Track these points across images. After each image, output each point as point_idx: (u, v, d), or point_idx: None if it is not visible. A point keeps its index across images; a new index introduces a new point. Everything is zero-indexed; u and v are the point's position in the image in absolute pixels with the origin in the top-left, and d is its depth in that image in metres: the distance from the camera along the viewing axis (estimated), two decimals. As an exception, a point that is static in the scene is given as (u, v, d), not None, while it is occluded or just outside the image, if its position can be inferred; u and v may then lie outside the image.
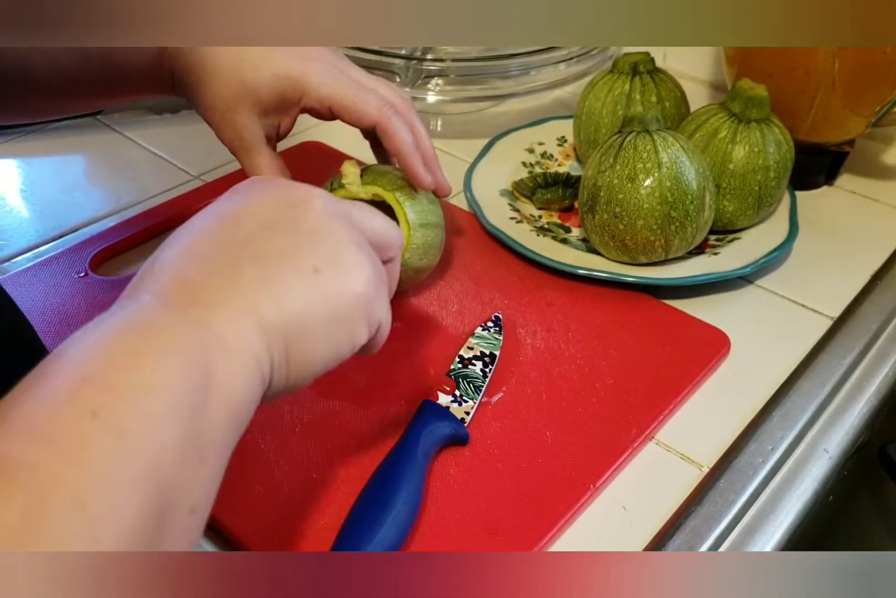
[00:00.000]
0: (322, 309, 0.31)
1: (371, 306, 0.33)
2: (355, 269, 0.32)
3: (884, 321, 0.55)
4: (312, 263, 0.31)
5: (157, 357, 0.26)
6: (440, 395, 0.47)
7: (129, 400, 0.24)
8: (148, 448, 0.24)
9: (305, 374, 0.31)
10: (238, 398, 0.28)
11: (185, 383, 0.26)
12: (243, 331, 0.28)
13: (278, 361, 0.30)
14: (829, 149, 0.67)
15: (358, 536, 0.38)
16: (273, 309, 0.29)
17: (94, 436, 0.23)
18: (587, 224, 0.57)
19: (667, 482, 0.44)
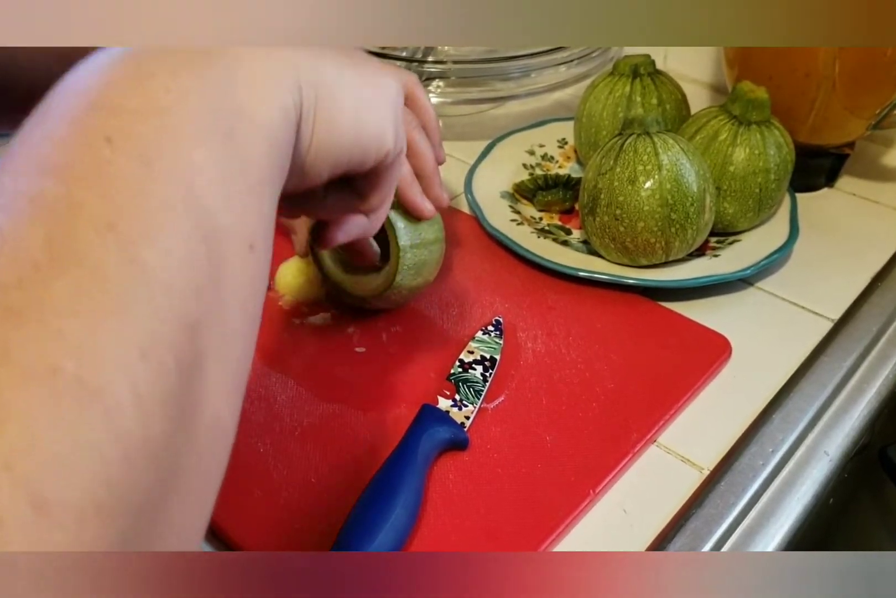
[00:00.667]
0: (355, 78, 0.29)
1: (398, 116, 0.32)
2: (391, 79, 0.31)
3: (884, 323, 0.55)
4: (352, 60, 0.30)
5: (170, 78, 0.23)
6: (440, 399, 0.47)
7: (145, 121, 0.21)
8: (180, 169, 0.21)
9: (329, 147, 0.28)
10: (276, 127, 0.25)
11: (207, 104, 0.23)
12: (274, 65, 0.26)
13: (307, 110, 0.27)
14: (829, 151, 0.67)
15: (357, 540, 0.38)
16: (308, 59, 0.27)
17: (114, 161, 0.20)
18: (588, 226, 0.57)
19: (667, 485, 0.44)
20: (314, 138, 0.28)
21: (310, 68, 0.27)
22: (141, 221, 0.20)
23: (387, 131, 0.31)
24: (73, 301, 0.18)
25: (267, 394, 0.48)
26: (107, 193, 0.20)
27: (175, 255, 0.20)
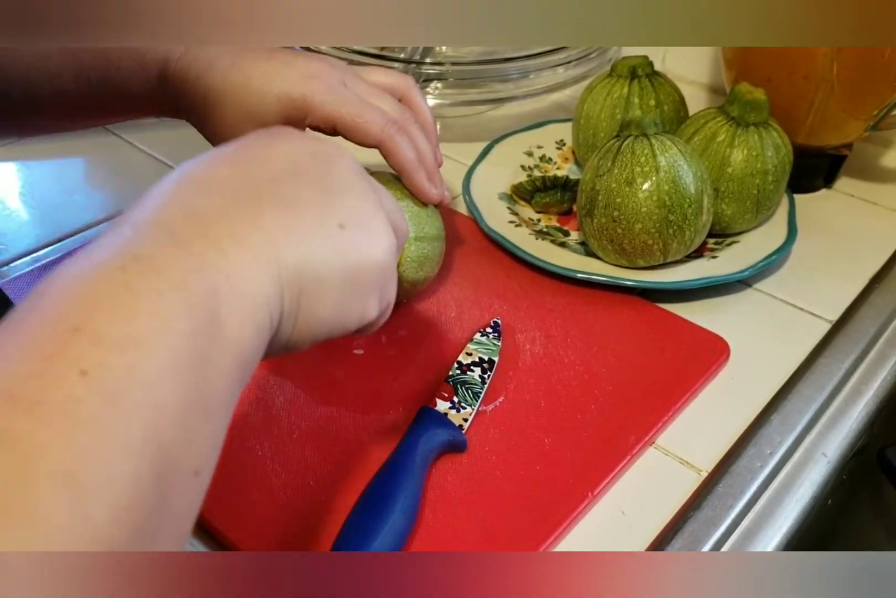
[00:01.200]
0: (341, 268, 0.29)
1: (386, 280, 0.32)
2: (380, 235, 0.31)
3: (882, 325, 0.55)
4: (339, 219, 0.29)
5: (157, 299, 0.23)
6: (438, 401, 0.47)
7: (123, 354, 0.22)
8: (145, 409, 0.22)
9: (308, 334, 0.29)
10: (246, 346, 0.26)
11: (188, 329, 0.23)
12: (257, 272, 0.26)
13: (288, 312, 0.28)
14: (827, 152, 0.67)
15: (355, 543, 0.38)
16: (292, 255, 0.27)
17: (84, 399, 0.21)
18: (585, 228, 0.57)
19: (665, 487, 0.44)
20: (295, 330, 0.29)
21: (294, 264, 0.27)
22: (99, 471, 0.20)
23: (369, 309, 0.31)
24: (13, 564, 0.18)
25: (265, 396, 0.48)
26: (72, 437, 0.20)
27: (125, 504, 0.20)
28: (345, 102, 0.46)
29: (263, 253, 0.27)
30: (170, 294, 0.23)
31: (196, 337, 0.24)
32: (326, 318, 0.29)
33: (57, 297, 0.23)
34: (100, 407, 0.21)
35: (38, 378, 0.21)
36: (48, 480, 0.19)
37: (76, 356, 0.21)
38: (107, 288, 0.23)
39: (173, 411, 0.22)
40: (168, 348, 0.23)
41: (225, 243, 0.26)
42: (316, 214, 0.29)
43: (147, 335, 0.22)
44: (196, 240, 0.25)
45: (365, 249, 0.30)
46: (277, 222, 0.27)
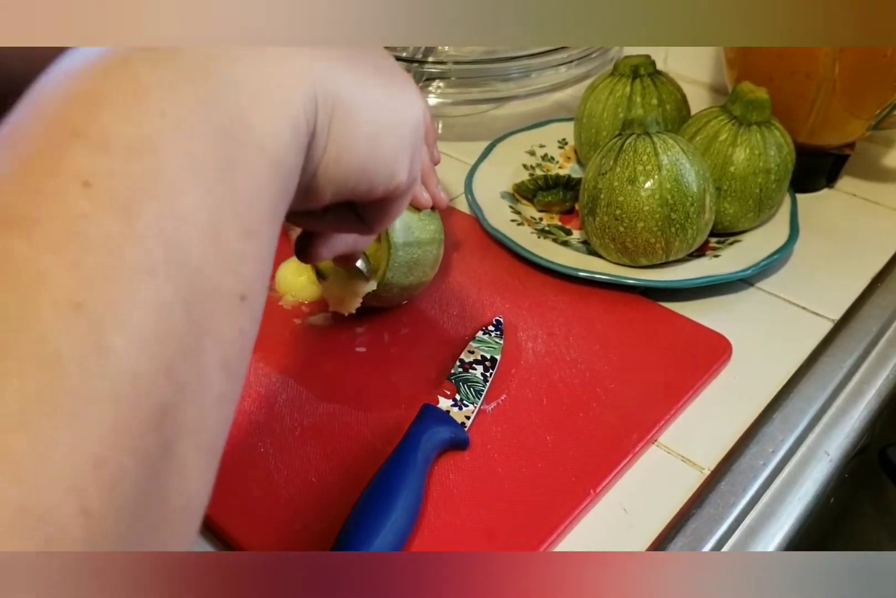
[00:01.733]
0: (377, 103, 0.26)
1: (418, 144, 0.29)
2: (415, 96, 0.28)
3: (884, 324, 0.55)
4: (376, 64, 0.27)
5: (168, 93, 0.20)
6: (440, 399, 0.47)
7: (132, 160, 0.19)
8: (164, 222, 0.19)
9: (337, 169, 0.26)
10: (283, 149, 0.22)
11: (209, 130, 0.20)
12: (293, 72, 0.23)
13: (321, 127, 0.24)
14: (829, 152, 0.67)
15: (357, 540, 0.38)
16: (329, 72, 0.24)
17: (90, 214, 0.18)
18: (588, 226, 0.57)
19: (668, 485, 0.44)
20: (324, 158, 0.25)
21: (328, 78, 0.24)
22: (112, 297, 0.17)
23: (401, 162, 0.28)
24: (24, 410, 0.16)
25: (268, 394, 0.48)
26: (77, 259, 0.17)
27: (148, 334, 0.18)
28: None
29: (299, 59, 0.23)
30: (184, 86, 0.20)
31: (220, 140, 0.20)
32: (360, 149, 0.26)
33: (51, 96, 0.20)
34: (109, 223, 0.18)
35: (34, 194, 0.18)
36: (53, 311, 0.17)
37: (78, 165, 0.18)
38: (109, 83, 0.20)
39: (201, 225, 0.19)
40: (187, 152, 0.20)
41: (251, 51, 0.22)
42: (356, 51, 0.26)
43: (159, 137, 0.19)
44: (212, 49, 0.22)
45: (402, 99, 0.27)
46: (307, 50, 0.24)
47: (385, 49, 0.30)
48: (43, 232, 0.17)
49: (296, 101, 0.22)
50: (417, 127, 0.28)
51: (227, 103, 0.21)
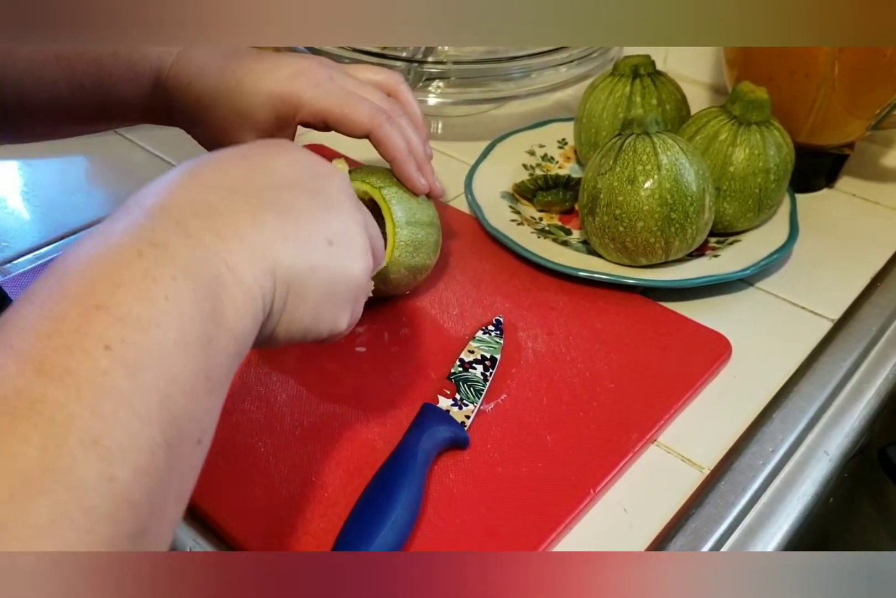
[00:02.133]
0: (324, 278, 0.32)
1: (359, 297, 0.35)
2: (361, 255, 0.34)
3: (884, 323, 0.55)
4: (328, 235, 0.32)
5: (171, 284, 0.25)
6: (440, 398, 0.47)
7: (142, 332, 0.24)
8: (160, 382, 0.24)
9: (286, 333, 0.32)
10: (243, 332, 0.28)
11: (197, 314, 0.26)
12: (256, 267, 0.29)
13: (276, 307, 0.30)
14: (829, 151, 0.67)
15: (357, 539, 0.38)
16: (286, 258, 0.30)
17: (108, 371, 0.23)
18: (587, 226, 0.57)
19: (667, 484, 0.44)
20: (276, 328, 0.31)
21: (287, 269, 0.30)
22: (121, 437, 0.22)
23: (341, 321, 0.34)
24: (51, 524, 0.20)
25: (268, 393, 0.48)
26: (97, 407, 0.22)
27: (142, 469, 0.23)
28: (333, 96, 0.47)
29: (262, 251, 0.29)
30: (182, 281, 0.26)
31: (203, 321, 0.26)
32: (305, 320, 0.32)
33: (80, 275, 0.25)
34: (122, 379, 0.23)
35: (67, 351, 0.23)
36: (79, 446, 0.21)
37: (101, 332, 0.23)
38: (127, 271, 0.25)
39: (184, 385, 0.25)
40: (180, 329, 0.25)
41: (229, 237, 0.28)
42: (309, 227, 0.31)
43: (162, 317, 0.25)
44: (205, 232, 0.28)
45: (346, 267, 0.33)
46: (276, 227, 0.30)
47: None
48: (73, 382, 0.22)
49: (257, 294, 0.29)
50: (357, 286, 0.34)
51: (210, 295, 0.27)
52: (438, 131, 0.79)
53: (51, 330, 0.23)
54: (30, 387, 0.22)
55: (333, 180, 0.34)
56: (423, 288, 0.56)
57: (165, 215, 0.28)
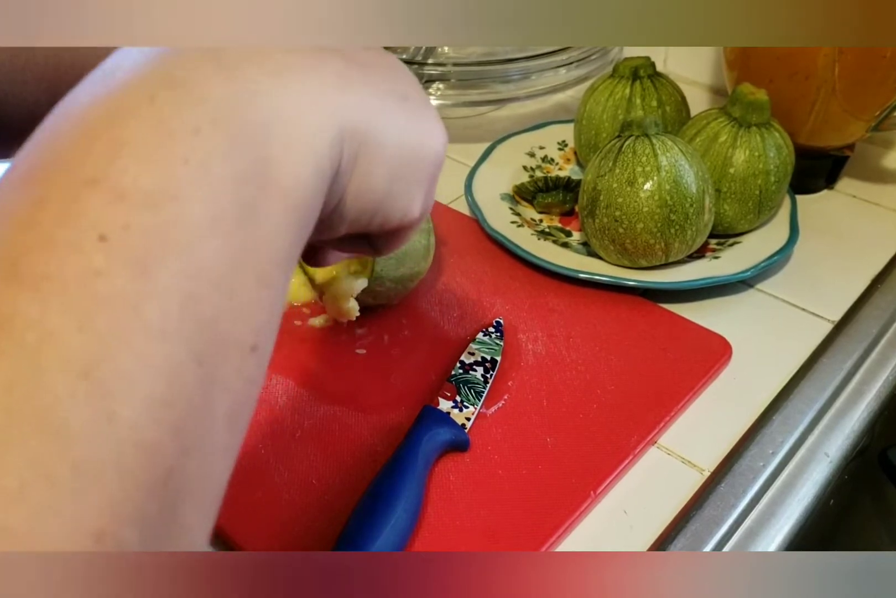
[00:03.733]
0: (401, 140, 0.25)
1: (435, 177, 0.28)
2: (438, 125, 0.27)
3: (884, 325, 0.55)
4: (404, 90, 0.26)
5: (193, 138, 0.19)
6: (441, 400, 0.47)
7: (151, 212, 0.18)
8: (182, 279, 0.18)
9: (355, 206, 0.25)
10: (304, 192, 0.21)
11: (233, 175, 0.19)
12: (320, 110, 0.22)
13: (346, 166, 0.23)
14: (829, 153, 0.67)
15: (358, 542, 0.38)
16: (356, 108, 0.23)
17: (104, 271, 0.17)
18: (587, 228, 0.57)
19: (668, 486, 0.44)
20: (344, 196, 0.25)
21: (357, 115, 0.23)
22: (123, 363, 0.17)
23: (416, 200, 0.28)
24: (25, 483, 0.16)
25: (268, 396, 0.48)
26: (88, 321, 0.17)
27: (158, 398, 0.17)
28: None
29: (327, 94, 0.22)
30: (210, 131, 0.19)
31: (242, 184, 0.20)
32: (379, 189, 0.25)
33: (69, 137, 0.19)
34: (125, 281, 0.17)
35: (47, 248, 0.17)
36: (61, 378, 0.16)
37: (94, 217, 0.17)
38: (133, 125, 0.19)
39: (217, 278, 0.19)
40: (207, 201, 0.19)
41: (285, 76, 0.21)
42: (384, 77, 0.25)
43: (182, 186, 0.19)
44: (248, 65, 0.21)
45: (426, 131, 0.26)
46: (346, 72, 0.23)
47: (385, 49, 0.30)
48: (53, 290, 0.17)
49: (322, 142, 0.22)
50: (437, 161, 0.27)
51: (253, 147, 0.20)
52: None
53: (28, 220, 0.17)
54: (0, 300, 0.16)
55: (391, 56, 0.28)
56: (423, 290, 0.56)
57: (199, 50, 0.21)
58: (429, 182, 0.28)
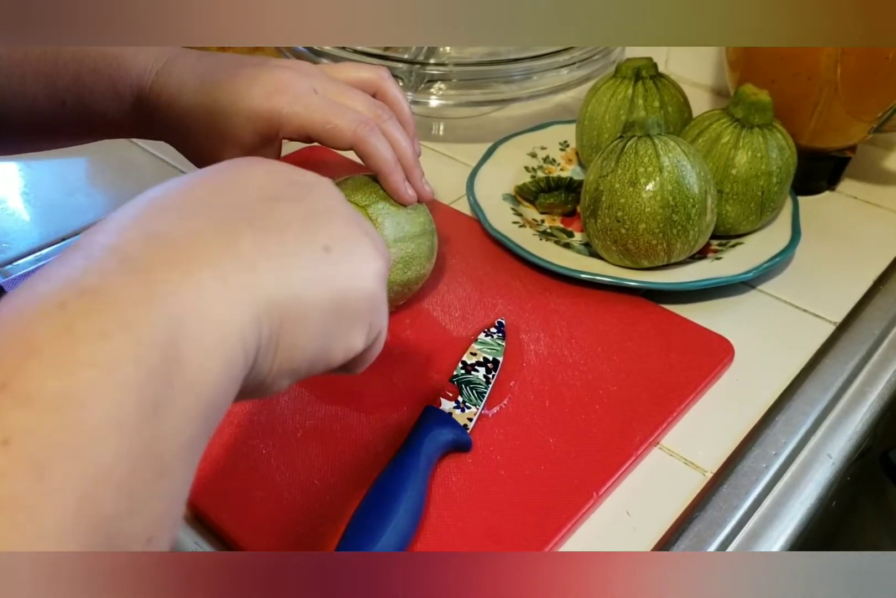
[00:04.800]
0: (327, 294, 0.26)
1: (376, 308, 0.29)
2: (368, 258, 0.28)
3: (886, 326, 0.55)
4: (324, 240, 0.27)
5: (99, 342, 0.20)
6: (443, 401, 0.47)
7: (54, 415, 0.19)
8: (78, 480, 0.19)
9: (289, 370, 0.26)
10: (213, 387, 0.22)
11: (139, 376, 0.20)
12: (230, 299, 0.23)
13: (267, 341, 0.24)
14: (831, 154, 0.67)
15: (360, 542, 0.38)
16: (273, 280, 0.24)
17: (7, 473, 0.18)
18: (589, 228, 0.57)
19: (670, 488, 0.44)
20: (274, 366, 0.26)
21: (274, 292, 0.24)
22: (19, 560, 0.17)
23: (356, 339, 0.28)
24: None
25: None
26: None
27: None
28: (313, 111, 0.46)
29: (239, 279, 0.23)
30: (117, 334, 0.20)
31: (148, 383, 0.20)
32: (309, 350, 0.26)
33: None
34: (23, 483, 0.18)
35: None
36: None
37: (1, 420, 0.18)
38: (43, 331, 0.20)
39: (116, 477, 0.19)
40: (112, 403, 0.19)
41: (193, 268, 0.23)
42: (299, 236, 0.26)
43: (86, 389, 0.19)
44: (157, 266, 0.22)
45: (354, 274, 0.27)
46: (256, 247, 0.24)
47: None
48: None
49: (233, 332, 0.23)
50: (371, 296, 0.28)
51: (160, 347, 0.21)
52: (440, 133, 0.78)
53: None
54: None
55: (319, 187, 0.29)
56: (425, 291, 0.56)
57: (107, 253, 0.22)
58: (368, 315, 0.29)
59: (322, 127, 0.46)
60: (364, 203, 0.49)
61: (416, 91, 0.69)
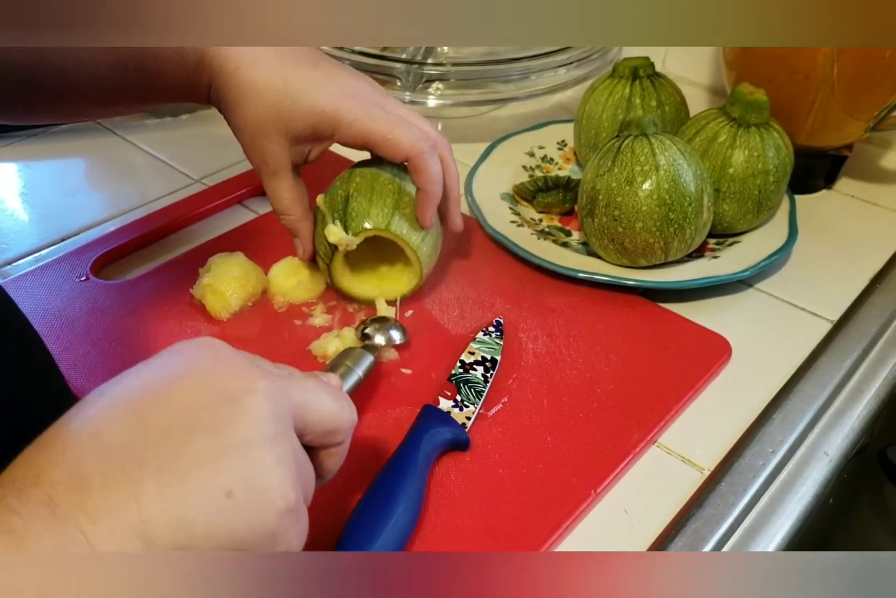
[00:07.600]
0: (221, 538, 0.27)
1: (279, 539, 0.29)
2: (275, 498, 0.28)
3: (883, 324, 0.56)
4: (227, 484, 0.27)
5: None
6: (441, 400, 0.47)
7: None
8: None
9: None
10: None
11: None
12: (125, 538, 0.25)
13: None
14: (828, 153, 0.68)
15: (359, 541, 0.38)
16: (164, 526, 0.26)
17: None
18: (587, 227, 0.57)
19: (668, 485, 0.45)
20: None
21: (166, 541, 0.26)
22: None
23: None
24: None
25: (268, 395, 0.48)
26: None
27: None
28: (377, 120, 0.47)
29: (133, 525, 0.25)
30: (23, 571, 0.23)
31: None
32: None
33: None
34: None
35: None
36: None
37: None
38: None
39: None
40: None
41: (99, 515, 0.25)
42: (203, 480, 0.27)
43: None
44: (74, 513, 0.25)
45: (255, 518, 0.27)
46: (156, 490, 0.26)
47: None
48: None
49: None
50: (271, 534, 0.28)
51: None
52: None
53: None
54: None
55: (248, 403, 0.28)
56: (424, 289, 0.56)
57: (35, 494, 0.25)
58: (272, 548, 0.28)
59: (382, 136, 0.47)
60: (384, 224, 0.50)
61: (413, 91, 0.70)
